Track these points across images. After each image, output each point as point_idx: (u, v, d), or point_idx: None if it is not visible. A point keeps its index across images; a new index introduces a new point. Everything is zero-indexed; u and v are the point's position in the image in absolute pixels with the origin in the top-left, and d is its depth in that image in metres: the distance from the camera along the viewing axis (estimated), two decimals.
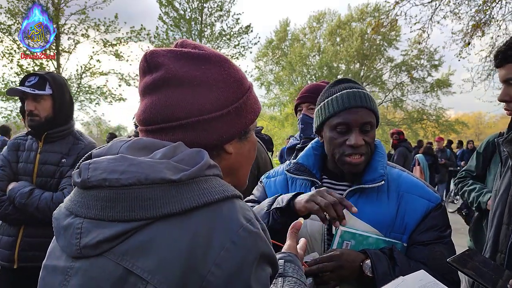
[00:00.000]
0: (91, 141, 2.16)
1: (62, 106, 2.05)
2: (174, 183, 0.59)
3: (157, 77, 0.67)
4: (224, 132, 0.69)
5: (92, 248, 0.59)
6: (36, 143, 2.06)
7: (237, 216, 0.61)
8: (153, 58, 0.69)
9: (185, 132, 0.67)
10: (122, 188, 0.58)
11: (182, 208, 0.58)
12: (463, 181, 2.54)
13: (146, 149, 0.65)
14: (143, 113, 0.70)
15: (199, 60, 0.69)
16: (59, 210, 0.69)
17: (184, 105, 0.66)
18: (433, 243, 1.16)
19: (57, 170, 2.01)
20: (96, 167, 0.61)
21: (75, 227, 0.62)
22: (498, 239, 1.27)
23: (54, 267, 0.65)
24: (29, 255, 1.97)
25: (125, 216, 0.58)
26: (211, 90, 0.68)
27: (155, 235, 0.57)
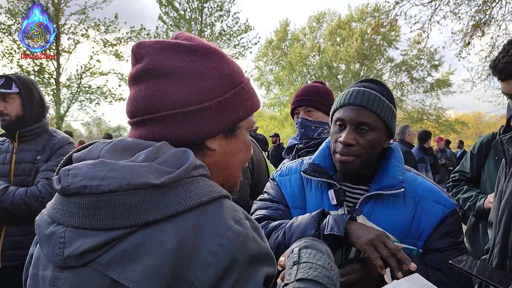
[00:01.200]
0: (64, 136, 2.20)
1: (31, 104, 2.10)
2: (158, 187, 0.56)
3: (140, 68, 0.66)
4: (204, 126, 0.66)
5: (76, 258, 0.57)
6: (12, 144, 2.11)
7: (224, 217, 0.58)
8: (139, 49, 0.67)
9: (163, 125, 0.64)
10: (104, 195, 0.56)
11: (167, 214, 0.55)
12: (457, 185, 2.50)
13: (128, 151, 0.62)
14: (127, 105, 0.68)
15: (185, 52, 0.66)
16: (41, 216, 0.66)
17: (163, 97, 0.64)
18: (448, 249, 1.15)
19: (33, 168, 2.06)
20: (76, 174, 0.59)
21: (58, 236, 0.59)
22: (506, 244, 1.22)
23: (42, 277, 0.63)
24: (13, 254, 1.99)
25: (108, 224, 0.55)
26: (193, 83, 0.65)
27: (140, 243, 0.55)
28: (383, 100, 1.18)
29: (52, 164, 2.06)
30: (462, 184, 2.47)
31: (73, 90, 14.90)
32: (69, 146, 2.16)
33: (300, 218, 1.15)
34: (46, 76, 14.29)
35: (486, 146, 2.35)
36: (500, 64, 1.13)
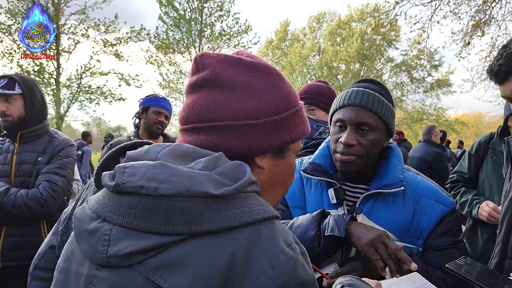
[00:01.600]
0: (65, 138, 2.20)
1: (33, 105, 2.09)
2: (215, 198, 0.55)
3: (201, 77, 0.67)
4: (256, 142, 0.66)
5: (121, 258, 0.55)
6: (12, 145, 2.10)
7: (277, 239, 0.57)
8: (202, 59, 0.68)
9: (216, 135, 0.64)
10: (160, 198, 0.55)
11: (222, 226, 0.54)
12: (455, 187, 2.49)
13: (186, 156, 0.62)
14: (183, 111, 0.69)
15: (246, 67, 0.67)
16: (83, 210, 0.64)
17: (220, 107, 0.64)
18: (448, 248, 1.16)
19: (34, 169, 2.04)
20: (133, 172, 0.58)
21: (103, 233, 0.57)
22: (507, 245, 1.22)
23: (76, 272, 0.61)
24: (12, 255, 1.99)
25: (161, 228, 0.54)
26: (251, 97, 0.65)
27: (191, 252, 0.54)
28: (382, 100, 1.19)
29: (53, 166, 2.05)
30: (459, 186, 2.45)
31: (73, 90, 14.92)
32: (71, 148, 2.16)
33: (300, 219, 1.15)
34: (46, 76, 14.30)
35: (484, 146, 2.33)
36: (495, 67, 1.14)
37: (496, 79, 1.15)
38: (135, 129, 2.66)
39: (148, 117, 2.57)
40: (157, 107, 2.58)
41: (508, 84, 1.12)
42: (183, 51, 16.96)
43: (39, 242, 1.99)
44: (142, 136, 2.57)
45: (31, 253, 1.98)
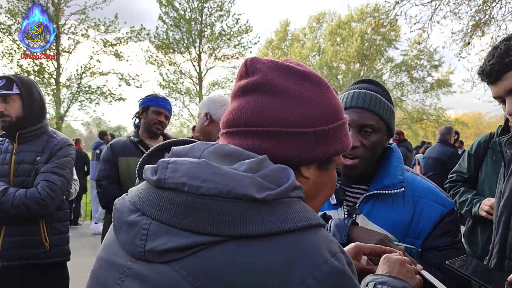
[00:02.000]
0: (64, 138, 2.19)
1: (32, 105, 2.09)
2: (257, 202, 0.54)
3: (251, 81, 0.66)
4: (304, 151, 0.65)
5: (158, 254, 0.55)
6: (11, 145, 2.10)
7: (321, 248, 0.55)
8: (253, 63, 0.67)
9: (264, 140, 0.63)
10: (202, 197, 0.54)
11: (263, 231, 0.53)
12: (454, 187, 2.48)
13: (230, 157, 0.61)
14: (229, 115, 0.68)
15: (297, 75, 0.67)
16: (123, 201, 0.64)
17: (270, 113, 0.63)
18: (447, 248, 1.16)
19: (33, 169, 2.04)
20: (176, 169, 0.57)
21: (141, 227, 0.57)
22: (505, 245, 1.22)
23: (110, 262, 0.62)
24: (12, 254, 1.99)
25: (200, 228, 0.53)
26: (301, 106, 0.64)
27: (229, 254, 0.52)
28: (384, 101, 1.20)
29: (52, 166, 2.04)
30: (459, 186, 2.45)
31: (73, 90, 14.93)
32: (69, 148, 2.16)
33: None
34: (46, 76, 14.31)
35: (483, 146, 2.33)
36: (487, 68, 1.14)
37: (489, 79, 1.15)
38: (135, 129, 2.65)
39: (148, 117, 2.56)
40: (157, 107, 2.57)
41: (500, 83, 1.13)
42: (183, 51, 16.98)
43: (38, 241, 2.03)
44: (142, 136, 2.57)
45: (30, 252, 2.01)
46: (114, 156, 2.47)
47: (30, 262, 2.00)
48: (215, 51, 17.12)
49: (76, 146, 7.87)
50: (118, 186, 2.44)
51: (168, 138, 2.68)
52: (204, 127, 2.15)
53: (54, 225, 2.10)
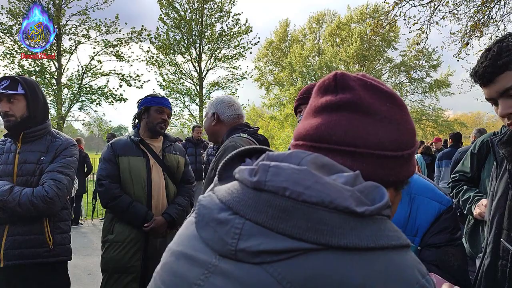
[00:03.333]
0: (68, 138, 2.21)
1: (36, 105, 2.11)
2: (356, 216, 0.54)
3: (344, 99, 0.64)
4: (392, 174, 0.65)
5: (251, 254, 0.54)
6: (15, 145, 2.10)
7: (412, 268, 0.55)
8: (344, 79, 0.66)
9: (354, 161, 0.63)
10: (302, 203, 0.54)
11: (358, 245, 0.52)
12: (457, 186, 2.45)
13: (326, 168, 0.60)
14: (316, 129, 0.65)
15: (385, 96, 0.67)
16: (211, 198, 0.63)
17: (364, 134, 0.63)
18: (445, 245, 1.16)
19: (37, 168, 2.05)
20: (278, 173, 0.57)
21: (234, 226, 0.56)
22: (498, 245, 1.23)
23: (191, 256, 0.60)
24: (15, 253, 1.99)
25: (298, 233, 0.52)
26: (391, 129, 0.65)
27: (325, 264, 0.52)
28: None
29: (57, 165, 2.06)
30: (462, 184, 2.42)
31: (74, 91, 14.97)
32: (73, 148, 2.18)
33: None
34: (47, 76, 14.35)
35: (486, 145, 2.30)
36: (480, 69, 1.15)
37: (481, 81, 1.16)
38: (134, 130, 2.64)
39: (150, 117, 2.55)
40: (159, 105, 2.57)
41: (493, 86, 1.14)
42: (184, 52, 17.01)
43: (42, 240, 2.04)
44: (143, 136, 2.57)
45: (34, 251, 2.02)
46: (115, 155, 2.48)
47: (33, 261, 2.01)
48: (215, 52, 17.16)
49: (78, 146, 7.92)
50: (119, 185, 2.45)
51: (168, 137, 2.70)
52: (212, 126, 2.16)
53: (57, 224, 2.11)
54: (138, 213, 2.39)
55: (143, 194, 2.45)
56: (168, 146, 2.64)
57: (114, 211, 2.45)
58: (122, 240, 2.39)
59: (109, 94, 15.07)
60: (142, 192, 2.45)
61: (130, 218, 2.40)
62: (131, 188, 2.44)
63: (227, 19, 16.83)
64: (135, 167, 2.46)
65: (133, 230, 2.40)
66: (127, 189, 2.44)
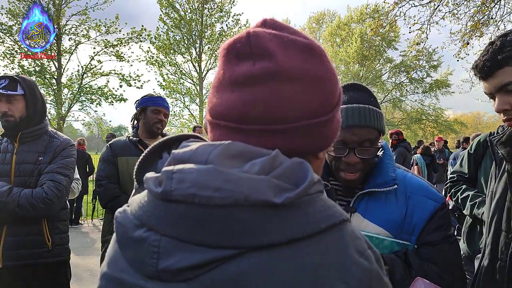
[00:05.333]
0: (66, 138, 2.20)
1: (35, 106, 2.10)
2: (276, 207, 0.49)
3: (265, 69, 0.54)
4: (326, 138, 0.60)
5: (173, 273, 0.50)
6: (12, 145, 2.08)
7: (348, 249, 0.50)
8: (261, 42, 0.56)
9: (285, 138, 0.56)
10: (215, 208, 0.49)
11: (285, 239, 0.48)
12: (456, 185, 2.46)
13: (239, 157, 0.54)
14: (239, 108, 0.55)
15: (305, 51, 0.57)
16: (125, 215, 0.58)
17: (293, 106, 0.55)
18: (441, 243, 1.18)
19: (35, 169, 2.03)
20: (182, 179, 0.51)
21: (150, 244, 0.52)
22: (497, 246, 1.22)
23: (119, 280, 0.55)
24: (14, 254, 1.97)
25: (216, 241, 0.48)
26: (318, 91, 0.57)
27: (251, 267, 0.48)
28: (374, 110, 1.19)
29: (56, 166, 2.05)
30: (460, 184, 2.43)
31: (74, 91, 14.97)
32: (72, 148, 2.17)
33: None
34: (47, 76, 14.36)
35: (483, 145, 2.32)
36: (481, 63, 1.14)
37: (480, 74, 1.15)
38: (133, 130, 2.65)
39: (147, 117, 2.56)
40: (155, 105, 2.56)
41: (491, 80, 1.13)
42: (184, 52, 17.02)
43: (41, 241, 2.02)
44: (141, 137, 2.57)
45: (33, 252, 2.00)
46: (114, 155, 2.48)
47: (32, 261, 2.00)
48: (216, 52, 17.16)
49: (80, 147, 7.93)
50: (118, 185, 2.46)
51: None
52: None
53: (55, 225, 2.10)
54: None
55: None
56: None
57: (113, 211, 2.44)
58: None
59: (109, 94, 15.08)
60: None
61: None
62: (130, 188, 2.44)
63: (227, 19, 16.85)
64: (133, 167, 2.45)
65: None
66: (126, 189, 2.45)
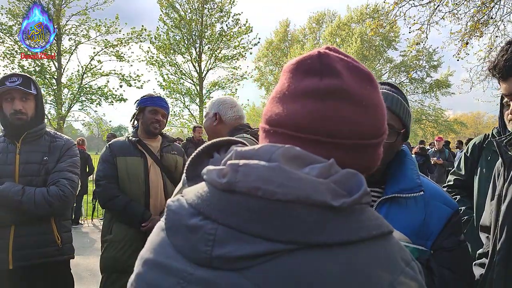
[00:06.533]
0: (68, 138, 2.24)
1: (42, 106, 2.15)
2: (333, 209, 0.51)
3: (332, 85, 0.59)
4: (372, 160, 0.63)
5: (227, 261, 0.51)
6: (12, 145, 2.06)
7: (396, 257, 0.53)
8: (330, 61, 0.60)
9: (338, 151, 0.59)
10: (277, 202, 0.51)
11: (338, 240, 0.50)
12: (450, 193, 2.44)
13: (298, 160, 0.56)
14: (301, 118, 0.59)
15: (365, 79, 0.62)
16: (179, 203, 0.60)
17: (350, 125, 0.59)
18: (455, 248, 1.19)
19: (42, 168, 2.04)
20: (248, 172, 0.53)
21: (206, 232, 0.53)
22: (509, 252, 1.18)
23: (165, 266, 0.57)
24: (24, 254, 1.97)
25: (274, 234, 0.50)
26: (373, 115, 0.61)
27: (304, 263, 0.49)
28: (404, 103, 1.20)
29: (66, 165, 2.07)
30: (455, 193, 2.44)
31: (74, 91, 14.99)
32: (75, 148, 2.21)
33: None
34: (47, 76, 14.37)
35: (478, 147, 2.34)
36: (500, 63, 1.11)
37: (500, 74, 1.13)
38: (133, 130, 2.65)
39: (145, 117, 2.56)
40: (153, 106, 2.57)
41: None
42: (184, 52, 17.02)
43: (51, 240, 2.03)
44: (141, 136, 2.58)
45: (43, 251, 2.01)
46: (113, 156, 2.48)
47: (43, 260, 2.01)
48: (215, 52, 17.17)
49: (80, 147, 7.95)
50: (117, 185, 2.46)
51: (166, 137, 2.71)
52: (213, 127, 2.16)
53: (63, 223, 2.12)
54: (135, 213, 2.39)
55: (141, 194, 2.46)
56: (166, 146, 2.65)
57: (112, 211, 2.46)
58: (120, 240, 2.40)
59: (109, 94, 15.09)
60: (139, 192, 2.46)
61: (128, 218, 2.41)
62: (129, 188, 2.45)
63: (227, 19, 16.84)
64: (132, 167, 2.47)
65: (130, 230, 2.41)
66: (125, 189, 2.45)
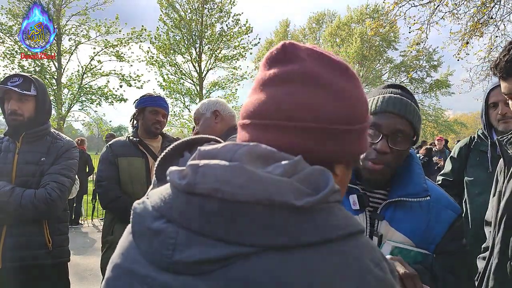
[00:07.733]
0: (69, 140, 2.21)
1: (43, 108, 2.11)
2: (295, 210, 0.49)
3: (293, 70, 0.59)
4: (345, 149, 0.61)
5: (188, 266, 0.50)
6: (13, 144, 2.06)
7: (363, 258, 0.51)
8: (294, 49, 0.61)
9: (304, 137, 0.58)
10: (237, 204, 0.49)
11: (300, 242, 0.48)
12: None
13: (262, 158, 0.55)
14: (263, 105, 0.60)
15: (336, 68, 0.62)
16: (144, 206, 0.59)
17: (315, 107, 0.58)
18: (457, 252, 1.19)
19: (38, 169, 2.02)
20: (207, 173, 0.52)
21: (168, 236, 0.52)
22: (507, 246, 1.21)
23: (130, 271, 0.56)
24: (14, 255, 1.96)
25: (235, 238, 0.49)
26: (344, 101, 0.60)
27: (267, 267, 0.48)
28: (415, 108, 1.19)
29: (60, 167, 2.04)
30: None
31: (74, 91, 15.00)
32: (74, 150, 2.17)
33: None
34: (47, 76, 14.38)
35: (464, 150, 2.37)
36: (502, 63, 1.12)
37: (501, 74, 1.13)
38: (133, 130, 2.65)
39: (145, 118, 2.55)
40: (154, 106, 2.56)
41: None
42: (184, 52, 17.02)
43: (41, 242, 2.01)
44: (141, 137, 2.57)
45: (33, 253, 1.99)
46: (114, 156, 2.47)
47: (32, 262, 1.99)
48: (215, 52, 17.17)
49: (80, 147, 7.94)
50: (119, 186, 2.45)
51: (166, 137, 2.71)
52: (214, 125, 2.13)
53: (56, 226, 2.09)
54: None
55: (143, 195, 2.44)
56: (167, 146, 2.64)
57: (114, 212, 2.45)
58: None
59: (109, 94, 15.11)
60: (142, 192, 2.43)
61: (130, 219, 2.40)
62: (131, 188, 2.44)
63: (227, 19, 16.84)
64: (134, 167, 2.46)
65: None
66: (126, 190, 2.44)
